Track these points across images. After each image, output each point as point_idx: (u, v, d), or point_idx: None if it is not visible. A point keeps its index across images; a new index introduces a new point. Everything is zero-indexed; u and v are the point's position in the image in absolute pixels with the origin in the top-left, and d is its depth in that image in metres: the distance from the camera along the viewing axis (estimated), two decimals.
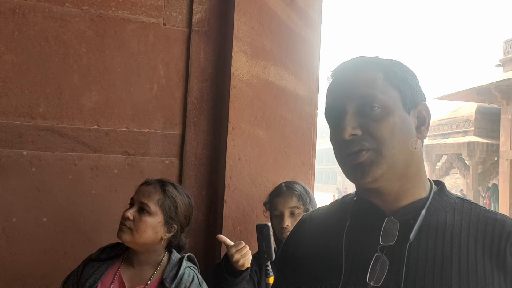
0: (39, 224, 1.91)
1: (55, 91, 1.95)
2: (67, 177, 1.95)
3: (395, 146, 0.80)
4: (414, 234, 0.80)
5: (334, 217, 0.92)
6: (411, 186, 0.84)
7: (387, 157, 0.79)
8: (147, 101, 2.06)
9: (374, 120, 0.80)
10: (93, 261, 1.57)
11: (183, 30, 2.11)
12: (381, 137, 0.79)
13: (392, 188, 0.83)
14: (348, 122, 0.80)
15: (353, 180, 0.82)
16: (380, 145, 0.79)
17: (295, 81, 2.10)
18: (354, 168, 0.81)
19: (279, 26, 2.08)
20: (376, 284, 0.78)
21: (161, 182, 1.54)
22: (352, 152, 0.80)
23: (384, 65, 0.85)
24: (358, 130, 0.80)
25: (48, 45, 1.96)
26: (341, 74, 0.86)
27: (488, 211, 0.83)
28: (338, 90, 0.85)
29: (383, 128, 0.80)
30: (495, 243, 0.78)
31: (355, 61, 0.87)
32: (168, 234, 1.52)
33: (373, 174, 0.79)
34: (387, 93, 0.82)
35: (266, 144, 2.04)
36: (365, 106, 0.81)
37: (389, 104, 0.81)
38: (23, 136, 1.92)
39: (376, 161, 0.79)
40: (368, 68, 0.84)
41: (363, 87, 0.81)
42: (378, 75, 0.83)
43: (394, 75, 0.84)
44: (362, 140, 0.80)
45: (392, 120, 0.80)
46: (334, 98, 0.85)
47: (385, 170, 0.80)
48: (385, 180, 0.81)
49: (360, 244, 0.84)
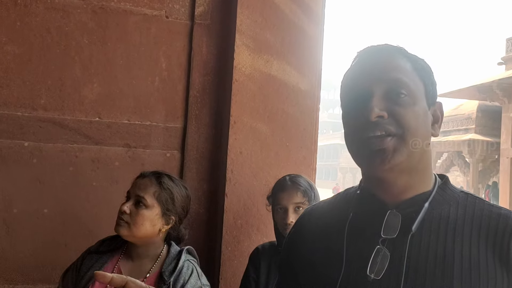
0: (40, 215, 1.91)
1: (56, 82, 1.95)
2: (68, 169, 1.95)
3: (418, 136, 0.79)
4: (416, 226, 0.79)
5: (336, 210, 0.91)
6: (418, 180, 0.83)
7: (408, 145, 0.78)
8: (149, 93, 2.05)
9: (401, 106, 0.78)
10: (92, 254, 1.57)
11: (185, 23, 2.10)
12: (407, 124, 0.78)
13: (401, 181, 0.82)
14: (376, 103, 0.78)
15: (369, 166, 0.80)
16: (405, 131, 0.78)
17: (297, 75, 2.09)
18: (374, 153, 0.78)
19: (282, 20, 2.07)
20: (377, 276, 0.78)
21: (157, 174, 1.53)
22: (375, 135, 0.77)
23: (411, 56, 0.84)
24: (385, 112, 0.78)
25: (50, 36, 1.95)
26: (370, 56, 0.84)
27: (492, 206, 0.82)
28: (366, 71, 0.82)
29: (409, 115, 0.78)
30: (499, 238, 0.77)
31: (383, 47, 0.85)
32: (166, 226, 1.52)
33: (394, 161, 0.77)
34: (415, 82, 0.81)
35: (268, 138, 2.03)
36: (393, 90, 0.79)
37: (416, 93, 0.80)
38: (25, 127, 1.91)
39: (399, 148, 0.77)
40: (397, 55, 0.83)
41: (393, 71, 0.80)
42: (407, 64, 0.82)
43: (421, 67, 0.83)
44: (387, 124, 0.77)
45: (417, 110, 0.79)
46: (359, 79, 0.82)
47: (404, 159, 0.78)
48: (400, 170, 0.80)
49: (362, 236, 0.83)
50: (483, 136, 15.86)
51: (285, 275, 0.96)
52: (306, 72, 2.11)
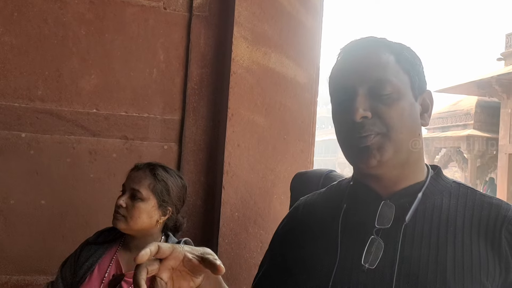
0: (37, 206, 1.91)
1: (54, 73, 1.94)
2: (66, 160, 1.95)
3: (403, 132, 0.79)
4: (410, 216, 0.80)
5: (330, 201, 0.92)
6: (410, 171, 0.84)
7: (394, 142, 0.79)
8: (146, 85, 2.04)
9: (384, 104, 0.79)
10: (90, 245, 1.57)
11: (183, 14, 2.09)
12: (390, 122, 0.79)
13: (392, 173, 0.83)
14: (359, 104, 0.78)
15: (357, 163, 0.81)
16: (389, 129, 0.79)
17: (295, 68, 2.08)
18: (360, 151, 0.79)
19: (280, 12, 2.07)
20: (371, 266, 0.78)
21: (151, 166, 1.52)
22: (361, 136, 0.79)
23: (395, 48, 0.84)
24: (369, 112, 0.79)
25: (47, 27, 1.94)
26: (353, 53, 0.84)
27: (484, 196, 0.84)
28: (349, 69, 0.82)
29: (393, 113, 0.79)
30: (490, 227, 0.79)
31: (366, 41, 0.85)
32: (163, 217, 1.52)
33: (380, 158, 0.79)
34: (399, 77, 0.81)
35: (266, 131, 2.03)
36: (377, 89, 0.79)
37: (400, 88, 0.80)
38: (22, 118, 1.91)
39: (383, 146, 0.79)
40: (380, 50, 0.82)
41: (376, 69, 0.80)
42: (390, 58, 0.82)
43: (405, 59, 0.83)
44: (371, 125, 0.79)
45: (402, 105, 0.80)
46: (344, 78, 0.83)
47: (391, 155, 0.79)
48: (389, 165, 0.81)
49: (356, 227, 0.84)
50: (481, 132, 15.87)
51: (274, 263, 0.97)
52: (304, 65, 2.10)
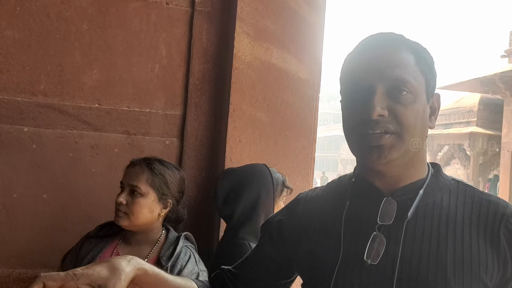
0: (39, 200, 1.92)
1: (56, 68, 1.95)
2: (68, 155, 1.96)
3: (415, 133, 0.80)
4: (412, 213, 0.81)
5: (332, 197, 0.93)
6: (413, 170, 0.85)
7: (406, 142, 0.80)
8: (148, 80, 2.05)
9: (401, 104, 0.79)
10: (91, 238, 1.58)
11: (185, 9, 2.09)
12: (406, 123, 0.79)
13: (397, 172, 0.84)
14: (378, 102, 0.78)
15: (366, 160, 0.82)
16: (403, 130, 0.79)
17: (297, 64, 2.08)
18: (372, 149, 0.80)
19: (282, 8, 2.06)
20: (374, 262, 0.80)
21: (147, 161, 1.53)
22: (375, 133, 0.79)
23: (415, 48, 0.83)
24: (386, 111, 0.79)
25: (49, 22, 1.94)
26: (373, 49, 0.83)
27: (482, 193, 0.85)
28: (369, 65, 0.81)
29: (409, 114, 0.79)
30: (489, 224, 0.80)
31: (386, 37, 0.84)
32: (165, 210, 1.53)
33: (390, 157, 0.80)
34: (417, 78, 0.81)
35: (267, 127, 2.04)
36: (395, 88, 0.79)
37: (418, 90, 0.81)
38: (24, 112, 1.92)
39: (396, 146, 0.79)
40: (401, 49, 0.82)
41: (396, 69, 0.80)
42: (411, 58, 0.82)
43: (425, 61, 0.83)
44: (387, 123, 0.79)
45: (417, 107, 0.81)
46: (363, 73, 0.81)
47: (400, 155, 0.80)
48: (395, 164, 0.82)
49: (358, 223, 0.85)
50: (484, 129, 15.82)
51: (262, 253, 0.99)
52: (306, 61, 2.10)
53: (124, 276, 0.74)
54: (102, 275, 0.72)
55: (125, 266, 0.76)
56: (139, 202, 1.47)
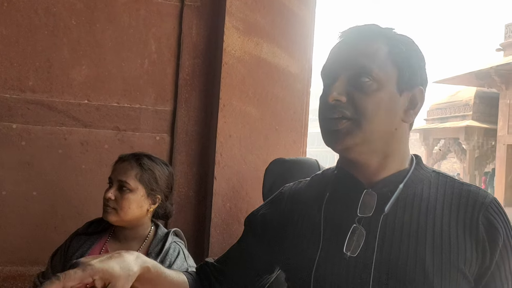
0: (29, 197, 1.91)
1: (44, 64, 1.93)
2: (57, 151, 1.95)
3: (375, 122, 0.80)
4: (390, 206, 0.81)
5: (314, 189, 0.93)
6: (390, 161, 0.85)
7: (364, 130, 0.80)
8: (138, 76, 2.04)
9: (362, 92, 0.80)
10: (80, 235, 1.57)
11: (175, 4, 2.08)
12: (364, 110, 0.79)
13: (371, 161, 0.84)
14: (336, 87, 0.80)
15: (327, 144, 0.83)
16: (360, 117, 0.79)
17: (287, 58, 2.08)
18: (330, 133, 0.82)
19: (272, 2, 2.05)
20: (353, 254, 0.80)
21: (136, 156, 1.52)
22: (333, 117, 0.80)
23: (393, 39, 0.84)
24: (344, 97, 0.80)
25: (37, 17, 1.93)
26: (347, 38, 0.85)
27: (463, 184, 0.85)
28: (338, 53, 0.84)
29: (368, 101, 0.79)
30: (468, 214, 0.80)
31: (365, 28, 0.85)
32: (153, 205, 1.52)
33: (346, 143, 0.80)
34: (385, 68, 0.81)
35: (257, 122, 2.03)
36: (358, 75, 0.80)
37: (383, 80, 0.80)
38: (13, 109, 1.90)
39: (351, 132, 0.80)
40: (374, 39, 0.83)
41: (362, 57, 0.81)
42: (382, 48, 0.82)
43: (399, 52, 0.83)
44: (344, 108, 0.80)
45: (380, 96, 0.80)
46: (332, 60, 0.85)
47: (358, 142, 0.80)
48: (359, 152, 0.82)
49: (339, 215, 0.85)
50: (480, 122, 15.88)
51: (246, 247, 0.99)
52: (296, 55, 2.09)
53: (131, 277, 0.77)
54: (115, 272, 0.74)
55: (133, 265, 0.78)
56: (128, 198, 1.47)
